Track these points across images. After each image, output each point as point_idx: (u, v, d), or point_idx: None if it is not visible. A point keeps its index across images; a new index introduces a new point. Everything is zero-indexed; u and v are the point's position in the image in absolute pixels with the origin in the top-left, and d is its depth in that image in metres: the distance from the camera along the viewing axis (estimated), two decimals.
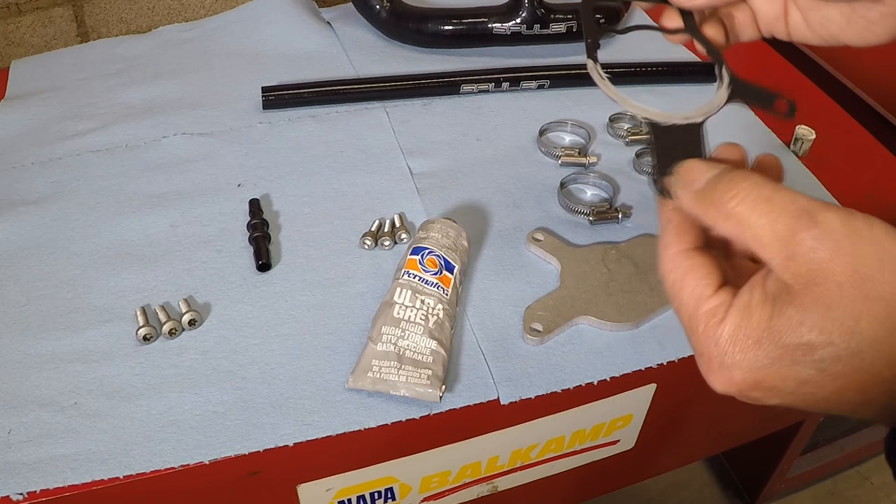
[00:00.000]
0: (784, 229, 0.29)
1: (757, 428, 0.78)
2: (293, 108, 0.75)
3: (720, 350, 0.30)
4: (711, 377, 0.31)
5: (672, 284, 0.33)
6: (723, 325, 0.30)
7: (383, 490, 0.55)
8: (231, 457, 0.47)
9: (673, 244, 0.34)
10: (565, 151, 0.70)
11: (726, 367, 0.30)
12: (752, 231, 0.30)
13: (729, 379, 0.31)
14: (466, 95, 0.78)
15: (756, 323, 0.30)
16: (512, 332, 0.55)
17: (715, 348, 0.31)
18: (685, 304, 0.32)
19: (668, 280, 0.34)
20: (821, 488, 1.08)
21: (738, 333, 0.30)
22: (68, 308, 0.56)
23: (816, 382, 0.29)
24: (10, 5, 0.84)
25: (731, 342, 0.30)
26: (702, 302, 0.32)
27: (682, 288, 0.33)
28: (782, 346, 0.29)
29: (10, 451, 0.47)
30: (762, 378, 0.30)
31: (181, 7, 0.93)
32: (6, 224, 0.62)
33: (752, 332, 0.30)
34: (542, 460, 0.59)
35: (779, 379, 0.29)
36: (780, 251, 0.29)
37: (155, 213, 0.64)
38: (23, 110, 0.75)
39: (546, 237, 0.61)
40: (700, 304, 0.32)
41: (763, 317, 0.29)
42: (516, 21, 0.81)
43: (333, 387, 0.51)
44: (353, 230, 0.62)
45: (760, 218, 0.30)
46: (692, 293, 0.32)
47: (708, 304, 0.31)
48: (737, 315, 0.30)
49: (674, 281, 0.33)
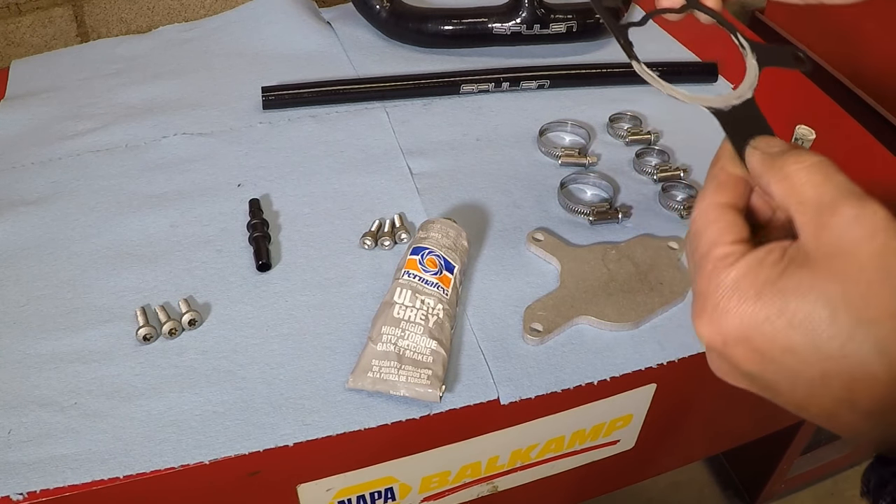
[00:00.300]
0: (829, 199, 0.29)
1: (757, 428, 0.78)
2: (293, 108, 0.75)
3: (720, 292, 0.30)
4: (702, 320, 0.31)
5: (696, 231, 0.33)
6: (730, 270, 0.30)
7: (383, 490, 0.55)
8: (231, 457, 0.47)
9: (710, 196, 0.33)
10: (565, 151, 0.70)
11: (720, 311, 0.30)
12: (799, 195, 0.30)
13: (718, 326, 0.30)
14: (466, 95, 0.78)
15: (765, 277, 0.29)
16: (512, 332, 0.55)
17: (715, 290, 0.30)
18: (701, 245, 0.32)
19: (694, 226, 0.33)
20: (821, 488, 1.08)
21: (743, 281, 0.29)
22: (68, 308, 0.56)
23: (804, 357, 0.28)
24: (10, 5, 0.84)
25: (733, 287, 0.30)
26: (717, 246, 0.31)
27: (703, 233, 0.32)
28: (783, 305, 0.28)
29: (10, 451, 0.47)
30: (752, 335, 0.29)
31: (181, 7, 0.93)
32: (6, 224, 0.62)
33: (757, 283, 0.29)
34: (542, 460, 0.59)
35: (767, 341, 0.29)
36: (815, 216, 0.29)
37: (155, 213, 0.64)
38: (23, 110, 0.75)
39: (546, 237, 0.61)
40: (715, 248, 0.31)
41: (773, 273, 0.29)
42: (516, 21, 0.81)
43: (333, 387, 0.51)
44: (353, 230, 0.62)
45: (813, 187, 0.29)
46: (711, 237, 0.32)
47: (723, 249, 0.31)
48: (747, 264, 0.30)
49: (699, 226, 0.33)
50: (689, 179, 0.68)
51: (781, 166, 0.31)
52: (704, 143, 0.72)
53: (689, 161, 0.70)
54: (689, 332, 0.56)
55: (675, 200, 0.65)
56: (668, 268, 0.59)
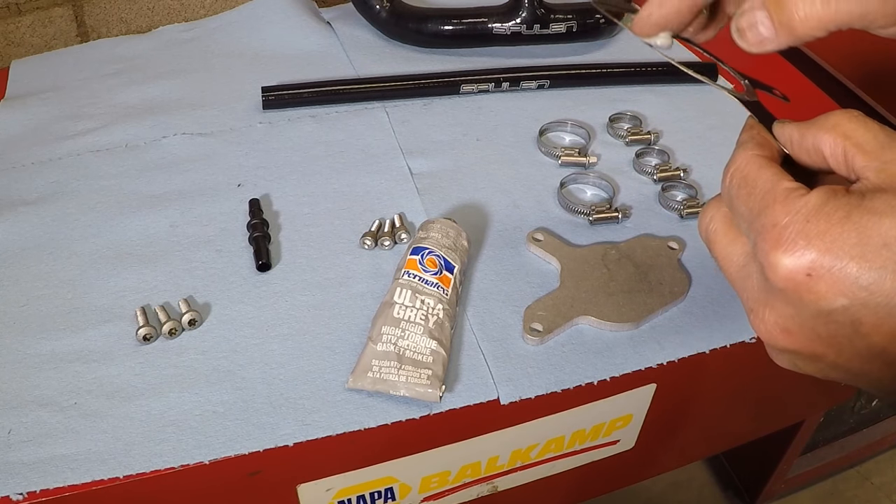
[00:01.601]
0: (886, 138, 0.29)
1: (757, 428, 0.78)
2: (293, 108, 0.75)
3: (802, 217, 0.28)
4: (778, 253, 0.28)
5: (744, 177, 0.31)
6: (808, 197, 0.28)
7: (383, 490, 0.55)
8: (231, 457, 0.47)
9: (752, 148, 0.33)
10: (565, 151, 0.70)
11: (805, 235, 0.27)
12: (854, 139, 0.30)
13: (802, 254, 0.27)
14: (466, 95, 0.78)
15: (846, 201, 0.27)
16: (512, 332, 0.55)
17: (796, 215, 0.28)
18: (761, 185, 0.30)
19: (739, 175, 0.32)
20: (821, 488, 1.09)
21: (826, 206, 0.28)
22: (68, 308, 0.56)
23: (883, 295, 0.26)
24: (10, 5, 0.84)
25: (817, 211, 0.28)
26: (782, 181, 0.30)
27: (759, 175, 0.31)
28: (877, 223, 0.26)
29: (10, 451, 0.47)
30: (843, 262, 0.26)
31: (181, 7, 0.93)
32: (6, 224, 0.62)
33: (842, 206, 0.27)
34: (542, 460, 0.59)
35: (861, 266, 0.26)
36: (879, 155, 0.29)
37: (155, 213, 0.64)
38: (23, 110, 0.75)
39: (546, 237, 0.61)
40: (780, 182, 0.30)
41: (854, 198, 0.28)
42: (516, 21, 0.81)
43: (333, 387, 0.51)
44: (353, 230, 0.62)
45: (867, 131, 0.30)
46: (770, 177, 0.31)
47: (790, 184, 0.30)
48: (823, 193, 0.28)
49: (749, 171, 0.31)
50: (689, 179, 0.68)
51: (826, 119, 0.31)
52: (704, 143, 0.73)
53: (689, 161, 0.70)
54: (689, 332, 0.56)
55: (675, 200, 0.65)
56: (668, 268, 0.59)
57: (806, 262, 0.27)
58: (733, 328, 0.56)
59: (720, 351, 0.55)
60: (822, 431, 0.93)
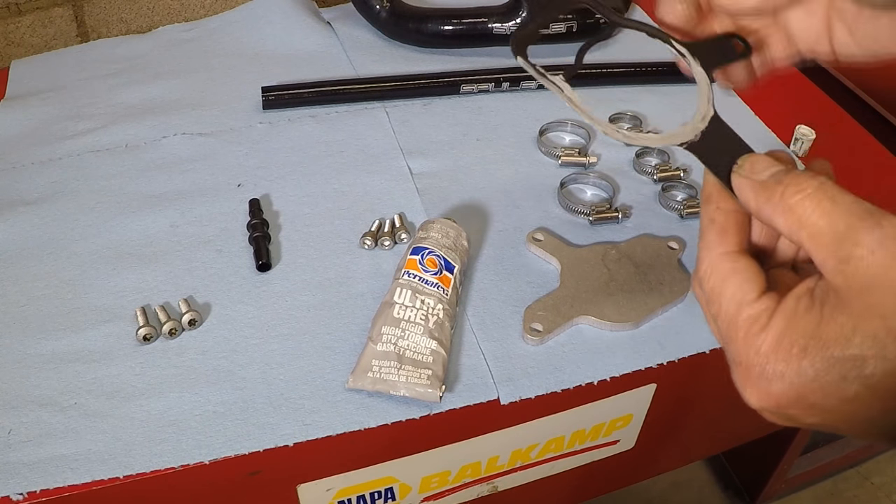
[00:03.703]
0: (845, 229, 0.27)
1: (757, 428, 0.78)
2: (293, 108, 0.75)
3: (761, 359, 0.28)
4: (748, 390, 0.29)
5: (712, 289, 0.31)
6: (766, 332, 0.28)
7: (383, 490, 0.55)
8: (231, 457, 0.47)
9: (715, 246, 0.32)
10: (565, 151, 0.70)
11: (766, 377, 0.28)
12: (810, 228, 0.28)
13: (767, 392, 0.28)
14: (466, 95, 0.78)
15: (802, 330, 0.27)
16: (512, 332, 0.55)
17: (755, 357, 0.28)
18: (725, 308, 0.30)
19: (708, 284, 0.31)
20: (821, 488, 1.08)
21: (783, 341, 0.28)
22: (68, 308, 0.56)
23: (863, 401, 0.27)
24: (10, 5, 0.84)
25: (774, 350, 0.28)
26: (743, 307, 0.30)
27: (723, 292, 0.30)
28: (830, 356, 0.26)
29: (10, 451, 0.47)
30: (805, 393, 0.27)
31: (181, 7, 0.93)
32: (6, 224, 0.62)
33: (798, 339, 0.27)
34: (542, 460, 0.59)
35: (822, 395, 0.27)
36: (835, 251, 0.27)
37: (155, 213, 0.64)
38: (23, 110, 0.75)
39: (546, 237, 0.61)
40: (741, 310, 0.30)
41: (810, 323, 0.27)
42: (516, 21, 0.81)
43: (333, 387, 0.51)
44: (353, 230, 0.62)
45: (822, 216, 0.28)
46: (733, 297, 0.30)
47: (750, 310, 0.29)
48: (781, 321, 0.28)
49: (714, 285, 0.31)
50: (689, 179, 0.68)
51: (781, 198, 0.29)
52: None
53: (689, 161, 0.70)
54: (689, 332, 0.56)
55: (675, 200, 0.65)
56: (668, 268, 0.59)
57: (773, 399, 0.28)
58: None
59: (720, 351, 0.54)
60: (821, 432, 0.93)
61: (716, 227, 0.32)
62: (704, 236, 0.33)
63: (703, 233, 0.33)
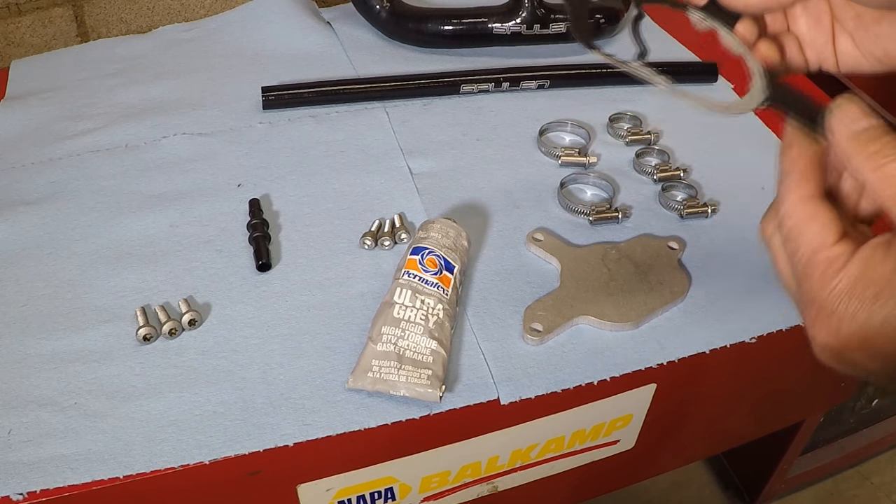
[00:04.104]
0: None
1: (757, 428, 0.78)
2: (293, 108, 0.75)
3: (834, 298, 0.29)
4: (817, 327, 0.30)
5: (791, 227, 0.32)
6: (842, 273, 0.29)
7: (383, 490, 0.55)
8: (231, 457, 0.47)
9: (796, 188, 0.33)
10: (565, 151, 0.70)
11: (838, 316, 0.29)
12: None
13: (837, 331, 0.29)
14: (466, 95, 0.78)
15: (878, 276, 0.28)
16: (512, 332, 0.55)
17: (829, 295, 0.29)
18: (802, 249, 0.31)
19: (787, 224, 0.32)
20: (821, 488, 1.08)
21: (858, 284, 0.29)
22: (68, 308, 0.56)
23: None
24: (10, 5, 0.84)
25: (848, 292, 0.29)
26: (822, 249, 0.30)
27: (802, 233, 0.31)
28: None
29: (10, 451, 0.47)
30: (871, 337, 0.28)
31: (181, 7, 0.93)
32: (6, 224, 0.62)
33: (872, 284, 0.28)
34: (542, 460, 0.59)
35: (886, 341, 0.28)
36: None
37: (155, 213, 0.64)
38: (23, 110, 0.75)
39: (546, 237, 0.61)
40: (819, 251, 0.31)
41: (886, 271, 0.28)
42: (516, 21, 0.81)
43: (333, 387, 0.51)
44: (353, 230, 0.62)
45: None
46: (812, 239, 0.31)
47: (828, 252, 0.30)
48: (858, 266, 0.29)
49: (793, 225, 0.32)
50: (689, 179, 0.68)
51: (876, 156, 0.30)
52: (704, 143, 0.73)
53: (689, 161, 0.70)
54: (689, 332, 0.56)
55: (674, 200, 0.65)
56: (668, 268, 0.59)
57: (840, 339, 0.29)
58: (733, 328, 0.56)
59: (720, 351, 0.55)
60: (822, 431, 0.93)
61: (797, 171, 0.33)
62: (785, 180, 0.34)
63: (784, 178, 0.34)
